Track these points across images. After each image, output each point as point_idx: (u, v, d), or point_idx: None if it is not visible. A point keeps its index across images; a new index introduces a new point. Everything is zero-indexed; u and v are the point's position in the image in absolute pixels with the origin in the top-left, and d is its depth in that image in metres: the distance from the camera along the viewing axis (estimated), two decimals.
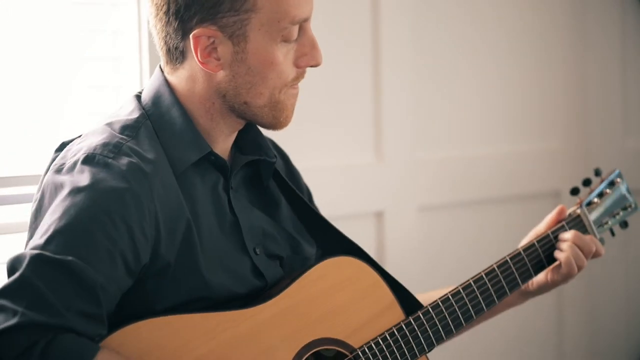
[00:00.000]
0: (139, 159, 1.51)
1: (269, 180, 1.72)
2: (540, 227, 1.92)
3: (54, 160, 1.58)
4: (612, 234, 2.01)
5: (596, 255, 1.89)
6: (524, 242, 1.89)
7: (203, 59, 1.55)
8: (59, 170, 1.51)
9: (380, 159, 2.73)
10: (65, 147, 1.59)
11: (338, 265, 1.68)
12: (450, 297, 1.75)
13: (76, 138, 1.60)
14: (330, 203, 2.53)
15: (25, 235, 1.58)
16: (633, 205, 1.99)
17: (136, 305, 1.50)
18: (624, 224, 1.99)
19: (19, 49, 2.10)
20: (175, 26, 1.56)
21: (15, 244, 2.00)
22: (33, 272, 1.40)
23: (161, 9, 1.56)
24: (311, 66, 1.60)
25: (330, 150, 2.65)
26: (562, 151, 3.12)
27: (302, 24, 1.57)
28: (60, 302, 1.39)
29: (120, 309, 1.48)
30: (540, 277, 1.88)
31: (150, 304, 1.51)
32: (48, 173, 1.54)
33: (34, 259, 1.41)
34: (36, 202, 1.54)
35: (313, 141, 2.59)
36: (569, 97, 3.20)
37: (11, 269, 1.42)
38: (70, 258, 1.41)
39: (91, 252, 1.43)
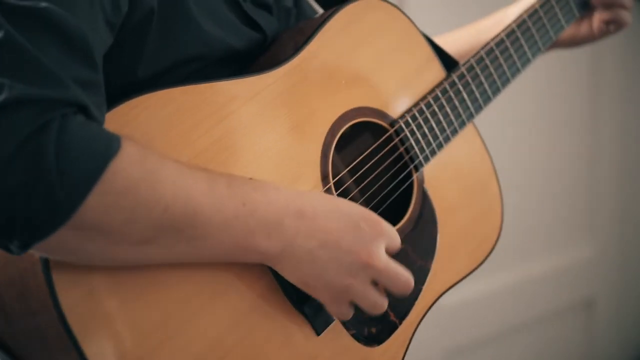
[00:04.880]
0: None
1: None
2: None
3: None
4: None
5: None
6: None
7: None
8: None
9: None
10: None
11: (363, 12, 1.35)
12: (494, 47, 1.47)
13: None
14: None
15: None
16: None
17: (110, 76, 1.11)
18: None
19: None
20: None
21: None
22: (10, 25, 0.98)
23: None
24: None
25: None
26: None
27: None
28: (56, 66, 1.00)
29: None
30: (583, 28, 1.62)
31: (130, 71, 1.17)
32: None
33: None
34: None
35: None
36: None
37: None
38: (44, 4, 1.00)
39: None
